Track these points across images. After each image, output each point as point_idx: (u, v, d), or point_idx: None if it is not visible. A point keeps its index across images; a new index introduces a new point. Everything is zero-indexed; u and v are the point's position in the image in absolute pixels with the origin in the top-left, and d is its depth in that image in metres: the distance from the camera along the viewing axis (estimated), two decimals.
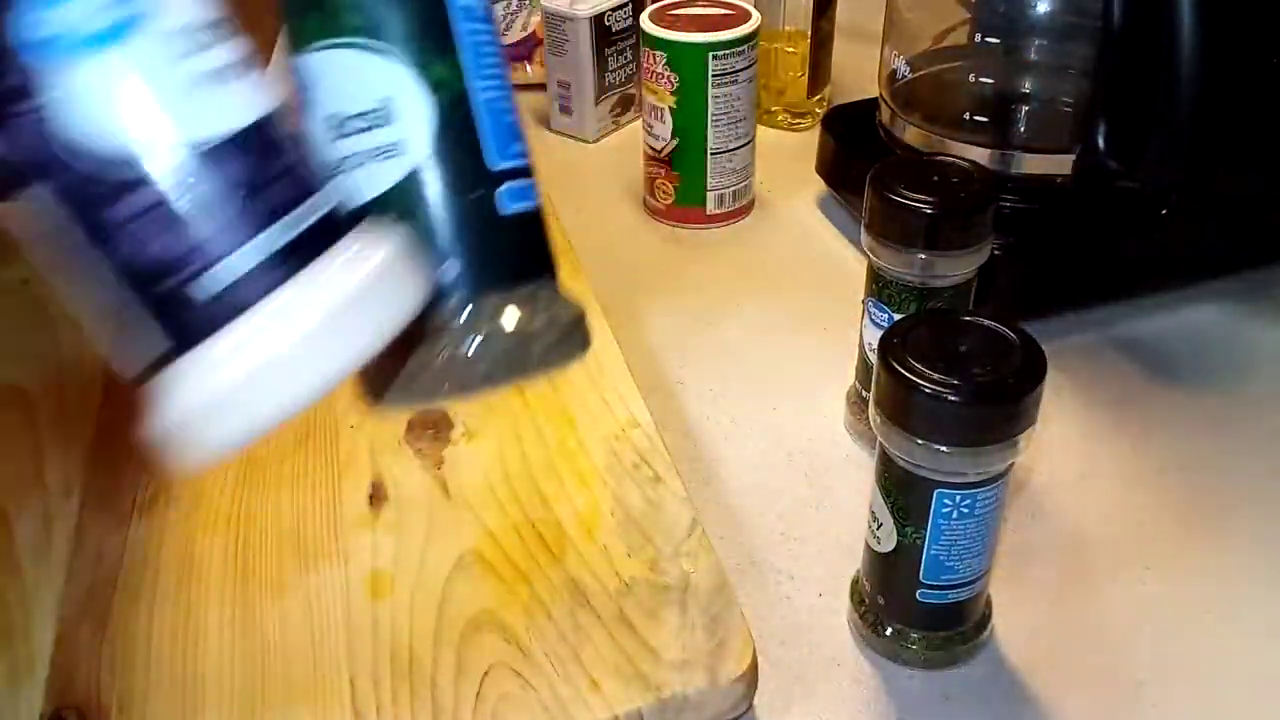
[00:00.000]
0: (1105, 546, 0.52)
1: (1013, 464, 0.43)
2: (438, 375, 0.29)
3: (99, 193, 0.24)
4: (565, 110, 0.86)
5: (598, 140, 0.86)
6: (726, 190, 0.75)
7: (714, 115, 0.72)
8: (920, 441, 0.41)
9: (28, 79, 0.23)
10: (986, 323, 0.42)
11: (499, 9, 0.93)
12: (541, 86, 0.89)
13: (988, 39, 0.67)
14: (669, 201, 0.76)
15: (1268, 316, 0.66)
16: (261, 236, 0.25)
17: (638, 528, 0.48)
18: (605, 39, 0.83)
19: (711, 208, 0.76)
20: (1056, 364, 0.62)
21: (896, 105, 0.70)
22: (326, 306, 0.25)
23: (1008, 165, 0.65)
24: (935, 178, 0.51)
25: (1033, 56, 0.68)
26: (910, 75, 0.70)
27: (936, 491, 0.42)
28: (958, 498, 0.42)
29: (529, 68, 0.93)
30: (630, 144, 0.84)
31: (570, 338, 0.31)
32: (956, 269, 0.51)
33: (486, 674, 0.42)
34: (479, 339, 0.29)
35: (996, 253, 0.53)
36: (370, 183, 0.29)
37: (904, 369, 0.40)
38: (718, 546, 0.49)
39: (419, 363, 0.29)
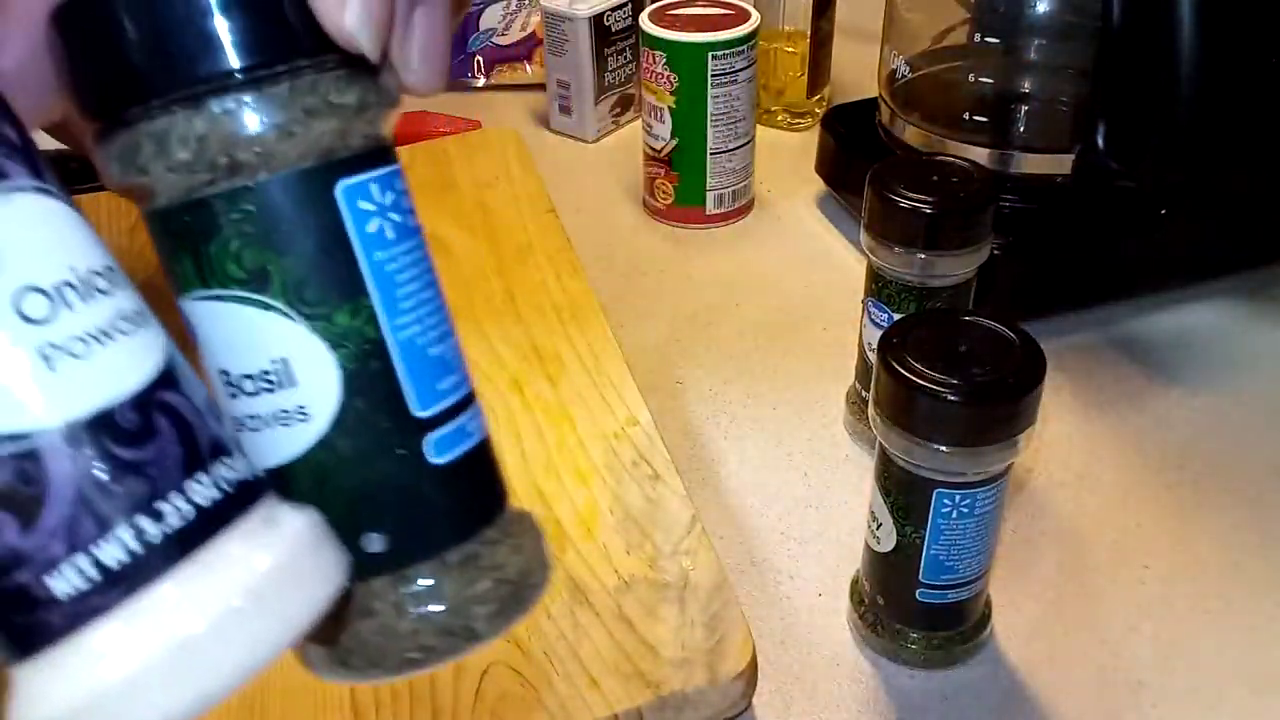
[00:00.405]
0: (1104, 546, 0.52)
1: (1012, 464, 0.43)
2: (372, 657, 0.26)
3: None
4: (565, 110, 0.86)
5: (597, 140, 0.86)
6: (726, 190, 0.75)
7: (713, 115, 0.72)
8: (920, 441, 0.41)
9: None
10: (986, 322, 0.42)
11: (499, 9, 0.93)
12: (541, 86, 0.89)
13: (987, 39, 0.67)
14: (668, 201, 0.76)
15: (1267, 316, 0.66)
16: (139, 519, 0.21)
17: (637, 526, 0.48)
18: (605, 39, 0.83)
19: (711, 208, 0.76)
20: (1056, 364, 0.62)
21: (896, 105, 0.70)
22: (219, 602, 0.21)
23: (1007, 165, 0.65)
24: (935, 177, 0.51)
25: (1032, 56, 0.68)
26: (910, 75, 0.70)
27: (936, 491, 0.42)
28: (957, 497, 0.42)
29: (528, 68, 0.93)
30: (630, 144, 0.84)
31: (523, 589, 0.27)
32: (956, 269, 0.51)
33: (485, 673, 0.42)
34: (411, 621, 0.25)
35: (996, 252, 0.53)
36: (272, 450, 0.24)
37: (904, 369, 0.40)
38: (717, 546, 0.49)
39: (351, 641, 0.26)
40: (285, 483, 0.25)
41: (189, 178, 0.23)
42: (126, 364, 0.22)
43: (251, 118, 0.23)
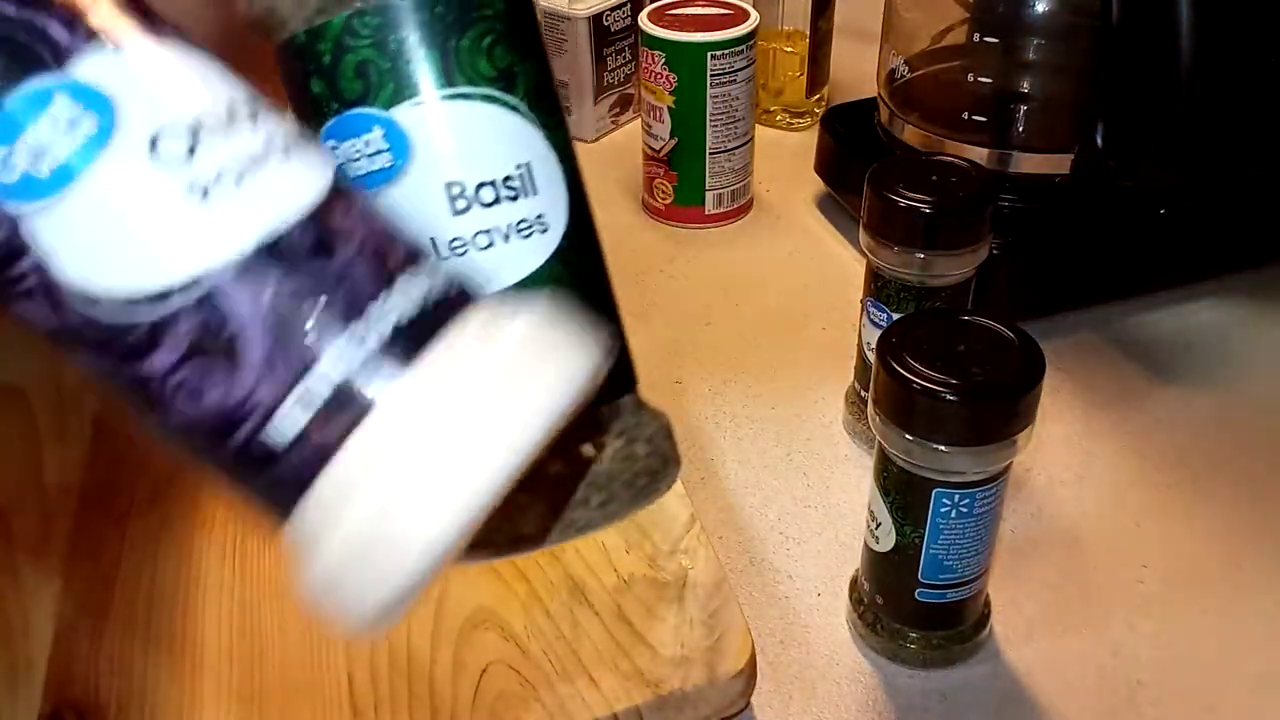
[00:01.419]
0: (1104, 546, 0.52)
1: (1011, 463, 0.43)
2: (606, 492, 0.24)
3: (128, 348, 0.20)
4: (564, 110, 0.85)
5: (596, 140, 0.86)
6: (725, 190, 0.75)
7: (712, 115, 0.72)
8: (919, 441, 0.41)
9: (13, 234, 0.20)
10: (985, 322, 0.42)
11: None
12: None
13: (986, 38, 0.67)
14: (668, 201, 0.76)
15: (1267, 316, 0.66)
16: (341, 341, 0.20)
17: (636, 524, 0.48)
18: (604, 39, 0.83)
19: (710, 207, 0.76)
20: (1055, 363, 0.62)
21: (895, 105, 0.70)
22: (458, 395, 0.19)
23: (1006, 165, 0.65)
24: (934, 177, 0.51)
25: (1031, 56, 0.68)
26: (909, 75, 0.70)
27: (935, 491, 0.42)
28: (956, 497, 0.42)
29: None
30: (629, 143, 0.84)
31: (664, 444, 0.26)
32: (955, 268, 0.51)
33: (484, 671, 0.42)
34: (642, 445, 0.24)
35: (995, 252, 0.53)
36: (507, 266, 0.23)
37: (903, 368, 0.40)
38: (716, 546, 0.49)
39: (586, 485, 0.24)
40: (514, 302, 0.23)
41: None
42: (285, 188, 0.20)
43: None
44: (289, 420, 0.20)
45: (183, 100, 0.20)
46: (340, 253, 0.20)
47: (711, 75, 0.71)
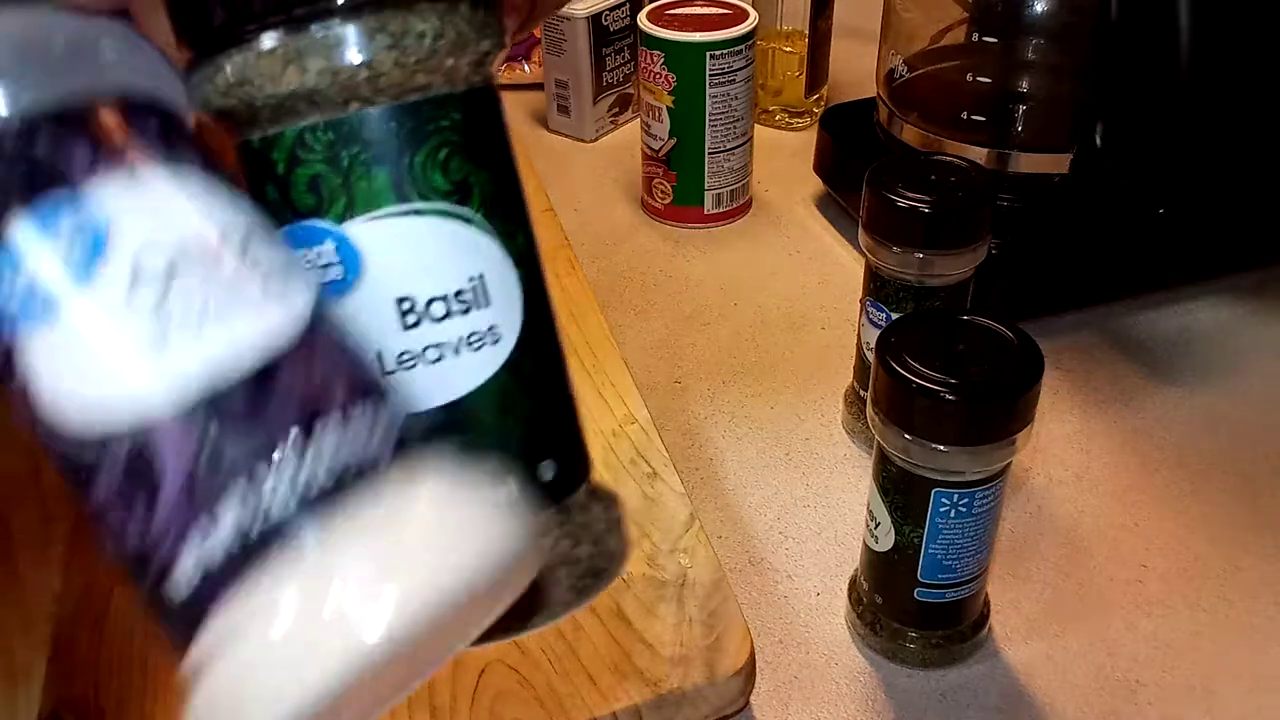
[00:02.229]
0: (1103, 545, 0.52)
1: (1010, 463, 0.43)
2: (549, 593, 0.24)
3: (78, 478, 0.20)
4: (563, 110, 0.86)
5: (596, 140, 0.86)
6: (724, 190, 0.75)
7: (711, 115, 0.72)
8: (918, 440, 0.41)
9: (8, 355, 0.20)
10: (984, 322, 0.42)
11: None
12: (539, 86, 0.89)
13: (985, 38, 0.67)
14: (667, 201, 0.76)
15: (1265, 315, 0.66)
16: (245, 508, 0.20)
17: (635, 523, 0.48)
18: (603, 39, 0.83)
19: (709, 207, 0.76)
20: (1054, 363, 0.62)
21: (894, 104, 0.70)
22: (337, 582, 0.19)
23: (1005, 164, 0.65)
24: (933, 177, 0.51)
25: (1030, 55, 0.68)
26: (908, 74, 0.70)
27: (934, 491, 0.42)
28: (955, 497, 0.42)
29: (527, 67, 0.93)
30: (628, 143, 0.84)
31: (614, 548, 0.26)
32: (954, 268, 0.51)
33: (483, 671, 0.42)
34: (586, 548, 0.25)
35: (994, 252, 0.53)
36: (456, 379, 0.23)
37: (902, 368, 0.40)
38: (715, 545, 0.49)
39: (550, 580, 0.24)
40: (466, 416, 0.23)
41: (413, 75, 0.22)
42: (244, 333, 0.20)
43: (479, 21, 0.23)
44: (184, 577, 0.20)
45: (172, 230, 0.21)
46: (271, 413, 0.20)
47: (710, 75, 0.71)
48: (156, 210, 0.21)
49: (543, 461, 0.24)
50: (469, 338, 0.23)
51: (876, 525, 0.45)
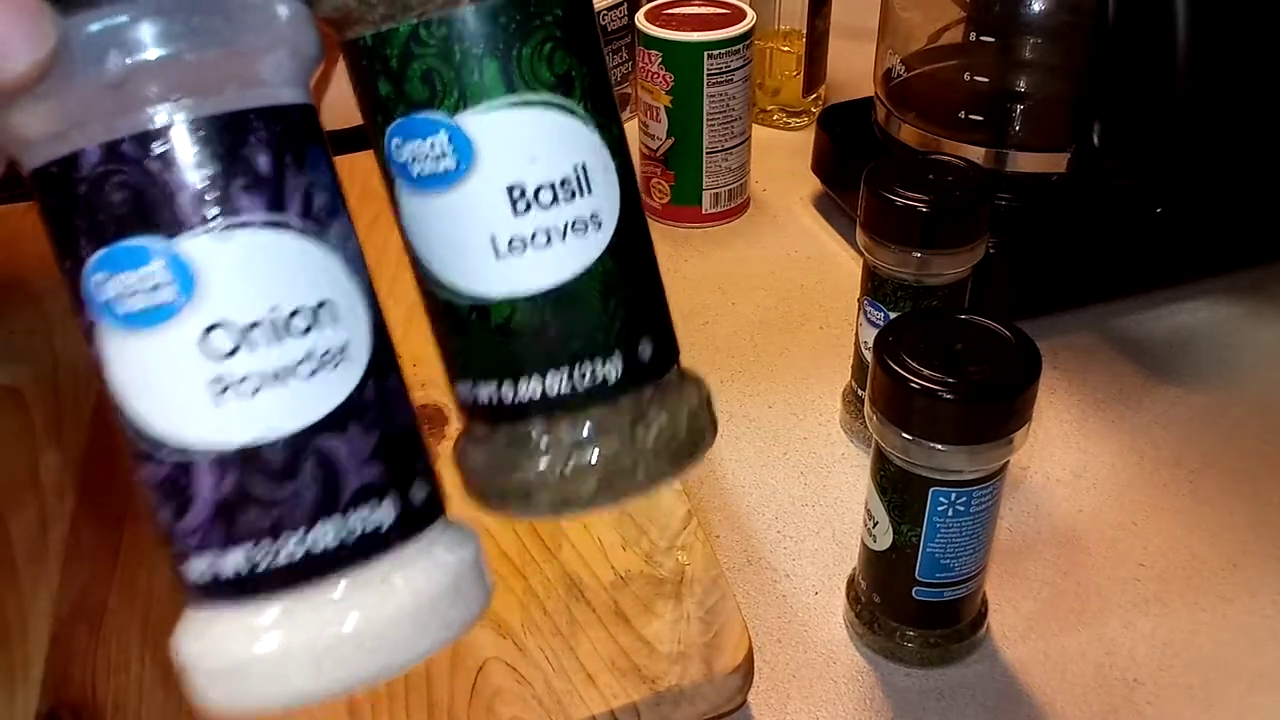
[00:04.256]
0: (1101, 544, 0.52)
1: (1008, 462, 0.43)
2: (660, 458, 0.26)
3: (131, 446, 0.23)
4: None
5: None
6: (722, 189, 0.75)
7: (709, 114, 0.72)
8: (916, 440, 0.41)
9: (88, 325, 0.23)
10: (982, 321, 0.42)
11: None
12: None
13: (983, 37, 0.67)
14: (664, 200, 0.76)
15: (1263, 314, 0.67)
16: (257, 549, 0.23)
17: (632, 521, 0.48)
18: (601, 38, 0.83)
19: (707, 207, 0.76)
20: (1051, 362, 0.62)
21: (892, 104, 0.70)
22: (306, 633, 0.23)
23: (1003, 163, 0.65)
24: (930, 176, 0.51)
25: (1028, 55, 0.68)
26: (905, 74, 0.70)
27: (932, 490, 0.42)
28: (953, 496, 0.42)
29: None
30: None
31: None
32: (952, 267, 0.51)
33: (481, 669, 0.42)
34: (696, 418, 0.27)
35: (991, 251, 0.53)
36: (562, 263, 0.25)
37: (899, 367, 0.40)
38: (714, 544, 0.49)
39: (639, 443, 0.26)
40: (572, 298, 0.25)
41: None
42: (291, 407, 0.22)
43: None
44: (194, 572, 0.23)
45: (255, 299, 0.22)
46: (298, 480, 0.22)
47: (708, 75, 0.71)
48: (246, 275, 0.22)
49: (641, 341, 0.26)
50: (573, 223, 0.24)
51: (874, 524, 0.45)
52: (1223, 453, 0.57)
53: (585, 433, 0.25)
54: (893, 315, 0.52)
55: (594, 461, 0.25)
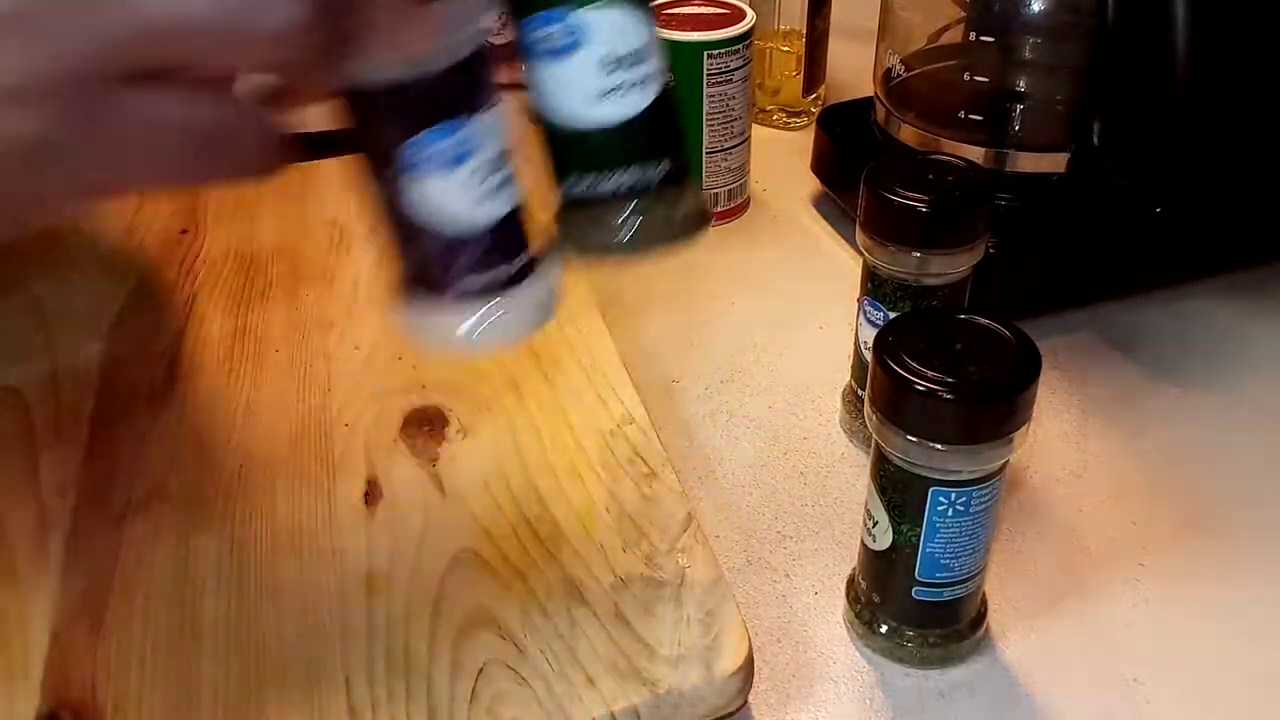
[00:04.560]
0: (1100, 544, 0.52)
1: (1008, 462, 0.43)
2: (691, 221, 0.38)
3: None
4: None
5: None
6: (721, 189, 0.75)
7: (709, 114, 0.72)
8: (915, 440, 0.41)
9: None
10: (981, 321, 0.42)
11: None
12: None
13: (982, 37, 0.67)
14: None
15: (1263, 314, 0.67)
16: (495, 269, 0.38)
17: (633, 523, 0.49)
18: None
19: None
20: (1051, 362, 0.62)
21: (891, 104, 0.70)
22: (520, 306, 0.39)
23: (1002, 163, 0.65)
24: (930, 176, 0.51)
25: (1027, 54, 0.68)
26: (905, 74, 0.70)
27: (932, 490, 0.42)
28: (953, 496, 0.42)
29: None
30: None
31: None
32: (951, 267, 0.51)
33: (482, 671, 0.42)
34: (698, 200, 0.39)
35: (991, 251, 0.53)
36: (638, 100, 0.36)
37: (899, 367, 0.40)
38: (713, 545, 0.49)
39: (680, 213, 0.38)
40: (640, 125, 0.37)
41: None
42: (512, 196, 0.37)
43: None
44: (457, 279, 0.38)
45: (498, 145, 0.37)
46: (497, 242, 0.38)
47: (708, 75, 0.71)
48: (497, 128, 0.37)
49: (674, 155, 0.38)
50: (644, 78, 0.36)
51: (874, 524, 0.45)
52: (1223, 452, 0.57)
53: (642, 208, 0.37)
54: (892, 315, 0.52)
55: (647, 224, 0.38)
